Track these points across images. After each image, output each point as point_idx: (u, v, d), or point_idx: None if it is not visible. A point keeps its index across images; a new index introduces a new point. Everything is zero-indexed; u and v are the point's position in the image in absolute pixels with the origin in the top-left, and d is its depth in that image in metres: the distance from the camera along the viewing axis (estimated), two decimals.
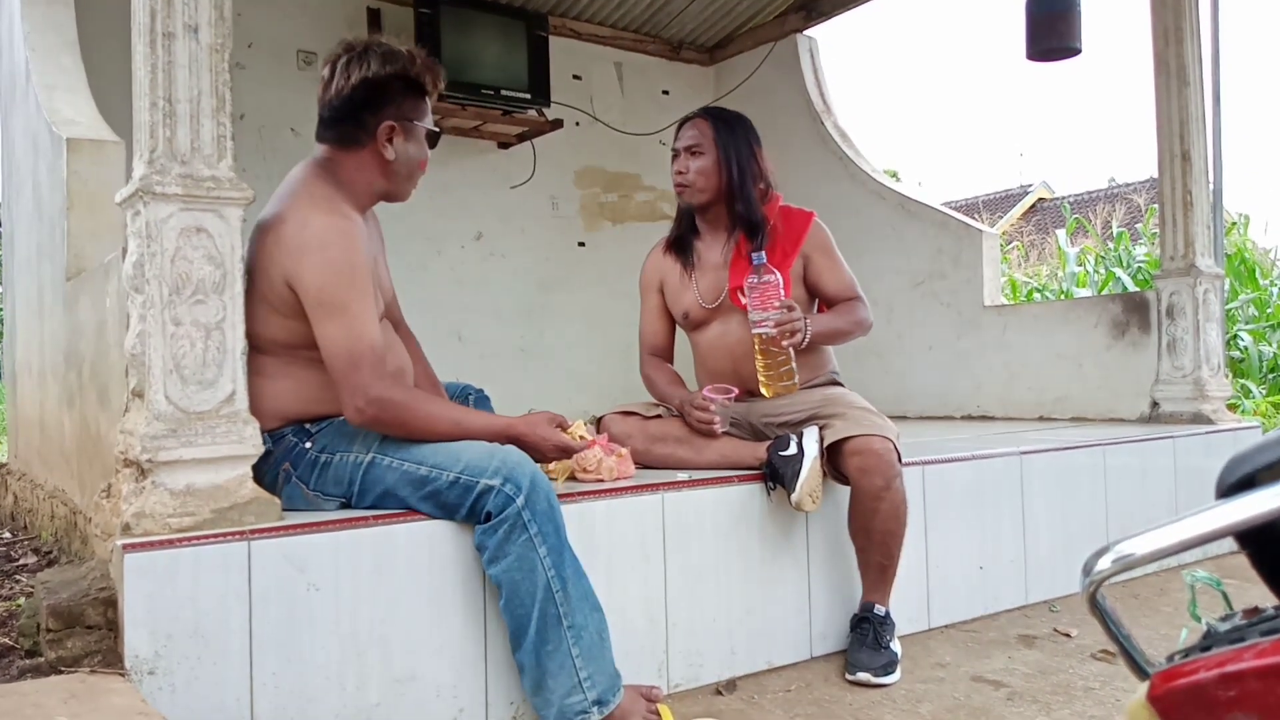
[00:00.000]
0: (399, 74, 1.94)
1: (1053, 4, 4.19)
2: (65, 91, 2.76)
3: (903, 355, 4.90)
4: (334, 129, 1.96)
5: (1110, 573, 0.73)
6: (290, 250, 1.79)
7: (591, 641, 1.81)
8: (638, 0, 5.20)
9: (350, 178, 1.95)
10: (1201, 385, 3.76)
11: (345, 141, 1.95)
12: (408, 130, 1.97)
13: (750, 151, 2.52)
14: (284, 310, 1.82)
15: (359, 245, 1.83)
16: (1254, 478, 0.71)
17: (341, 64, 1.92)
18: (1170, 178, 3.86)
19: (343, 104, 1.93)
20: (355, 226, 1.86)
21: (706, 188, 2.50)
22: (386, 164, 1.96)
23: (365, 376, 1.78)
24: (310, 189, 1.88)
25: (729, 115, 2.58)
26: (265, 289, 1.81)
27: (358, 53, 1.92)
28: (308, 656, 1.72)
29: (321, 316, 1.79)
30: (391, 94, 1.94)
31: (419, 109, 2.00)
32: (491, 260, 5.05)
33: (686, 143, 2.52)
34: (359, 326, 1.79)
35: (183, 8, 1.71)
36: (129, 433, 1.68)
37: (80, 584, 1.73)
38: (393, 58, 1.93)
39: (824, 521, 2.42)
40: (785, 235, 2.51)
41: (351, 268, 1.80)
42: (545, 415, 1.99)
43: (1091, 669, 2.31)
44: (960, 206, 17.00)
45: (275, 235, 1.81)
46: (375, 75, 1.91)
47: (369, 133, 1.93)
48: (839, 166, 5.21)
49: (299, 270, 1.78)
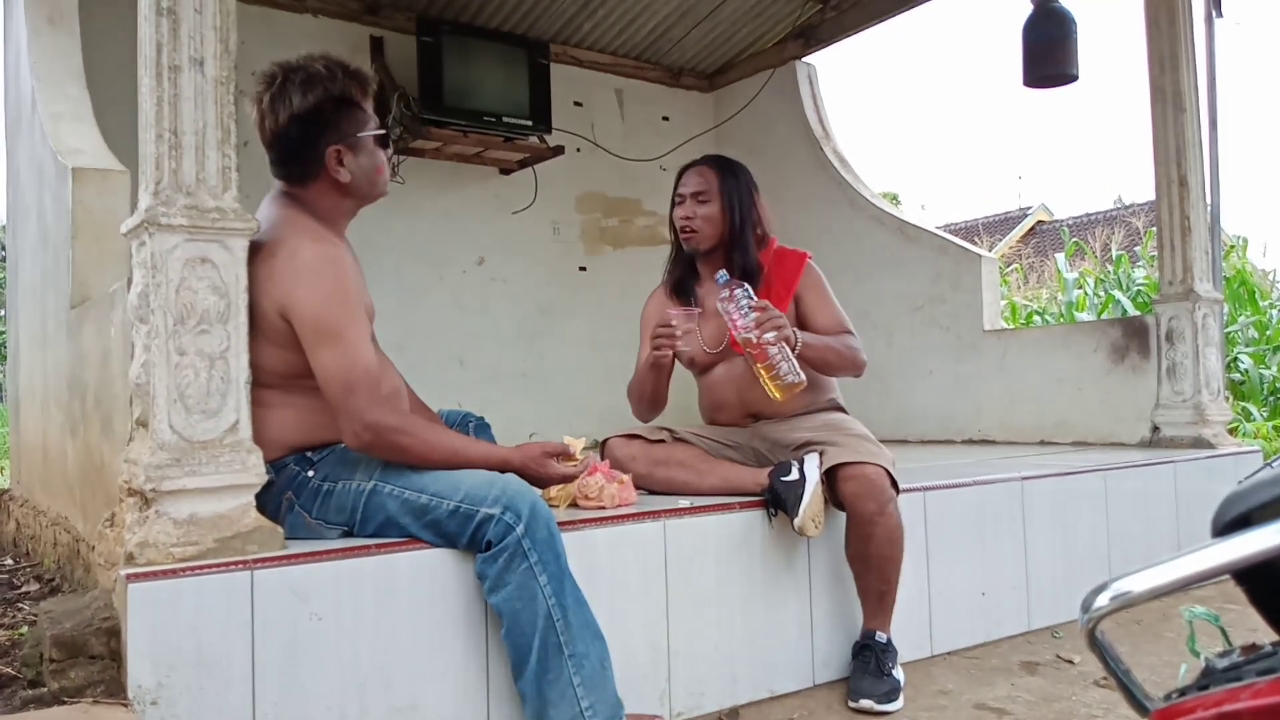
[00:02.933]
0: (325, 98, 1.90)
1: (1049, 33, 4.23)
2: (71, 121, 2.78)
3: (903, 379, 4.91)
4: (285, 167, 1.95)
5: (1108, 610, 0.74)
6: (282, 281, 1.80)
7: (593, 670, 1.80)
8: (638, 28, 5.25)
9: (319, 207, 1.94)
10: (1202, 410, 3.76)
11: (300, 178, 1.94)
12: (354, 146, 1.94)
13: (751, 199, 2.58)
14: (279, 341, 1.82)
15: (349, 271, 1.85)
16: (1249, 516, 0.71)
17: (266, 103, 1.89)
18: (1168, 203, 3.88)
19: (282, 144, 1.91)
20: (343, 253, 1.87)
21: (712, 234, 2.56)
22: (344, 186, 1.95)
23: (362, 402, 1.79)
24: (294, 220, 1.89)
25: (732, 164, 2.63)
26: (259, 321, 1.81)
27: (277, 87, 1.89)
28: (309, 686, 1.72)
29: (316, 344, 1.80)
30: (325, 120, 1.91)
31: (358, 121, 1.95)
32: (493, 285, 5.07)
33: (693, 189, 2.56)
34: (353, 352, 1.80)
35: (188, 41, 1.74)
36: (133, 462, 1.69)
37: (83, 613, 1.74)
38: (312, 83, 1.88)
39: (825, 549, 2.42)
40: (779, 278, 2.55)
41: (344, 294, 1.82)
42: (540, 447, 1.98)
43: (1094, 696, 2.31)
44: (960, 229, 17.05)
45: (267, 268, 1.81)
46: (301, 109, 1.88)
47: (318, 163, 1.92)
48: (838, 192, 5.24)
49: (292, 300, 1.79)
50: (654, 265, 2.79)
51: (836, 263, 2.63)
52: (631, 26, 5.23)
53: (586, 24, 5.12)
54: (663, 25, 5.25)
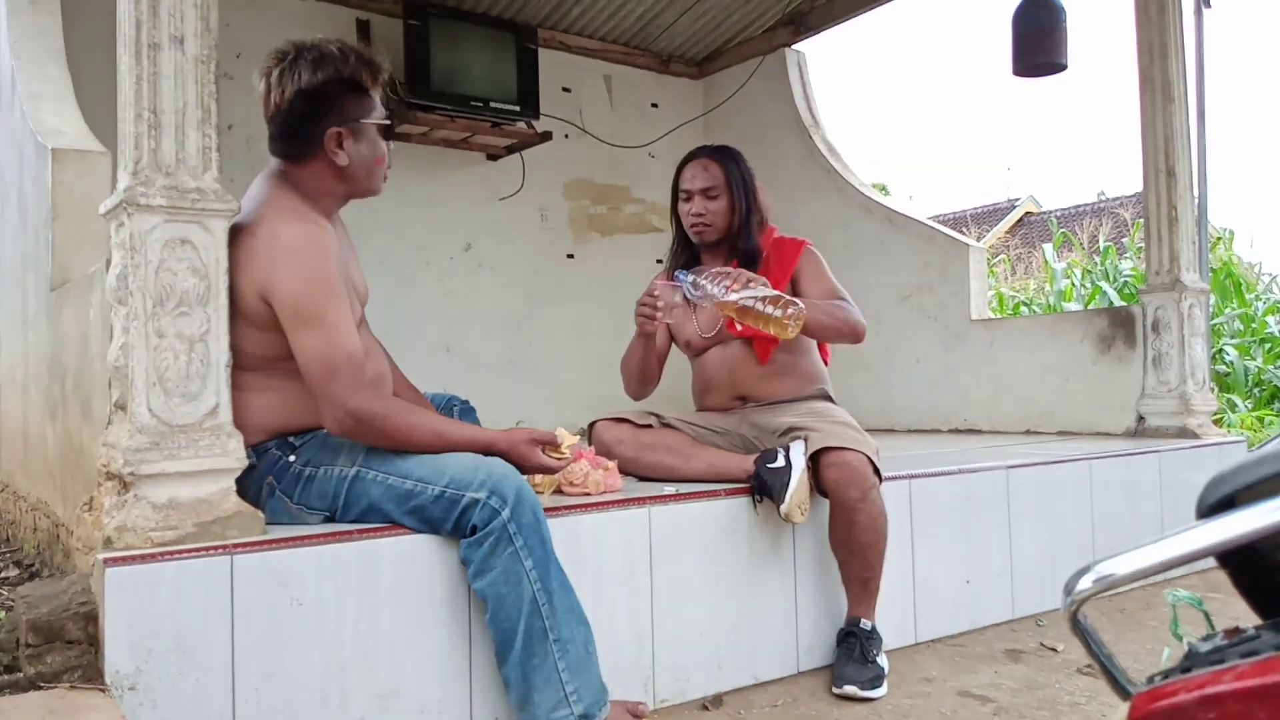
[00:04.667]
0: (333, 78, 1.88)
1: (1039, 21, 4.22)
2: (51, 101, 2.75)
3: (890, 368, 4.91)
4: (282, 143, 1.92)
5: (1091, 593, 0.73)
6: (262, 263, 1.77)
7: (578, 655, 1.80)
8: (627, 14, 5.22)
9: (310, 188, 1.91)
10: (1187, 400, 3.77)
11: (296, 156, 1.92)
12: (356, 131, 1.92)
13: (753, 186, 2.59)
14: (259, 324, 1.80)
15: (331, 252, 1.81)
16: (1234, 498, 0.71)
17: (274, 77, 1.87)
18: (1155, 193, 3.89)
19: (284, 119, 1.89)
20: (325, 234, 1.83)
21: (722, 227, 2.57)
22: (340, 170, 1.93)
23: (343, 387, 1.76)
24: (276, 200, 1.86)
25: (731, 152, 2.62)
26: (239, 303, 1.78)
27: (288, 62, 1.87)
28: (291, 672, 1.71)
29: (297, 327, 1.77)
30: (330, 100, 1.89)
31: (363, 106, 1.94)
32: (480, 272, 5.05)
33: (702, 185, 2.55)
34: (335, 336, 1.77)
35: (168, 19, 1.71)
36: (111, 445, 1.67)
37: (61, 598, 1.72)
38: (323, 62, 1.87)
39: (811, 536, 2.41)
40: (777, 264, 2.56)
41: (326, 276, 1.78)
42: (527, 433, 1.95)
43: (1078, 684, 2.31)
44: (948, 220, 17.07)
45: (246, 249, 1.78)
46: (309, 85, 1.86)
47: (317, 143, 1.89)
48: (827, 180, 5.23)
49: (272, 282, 1.76)
50: (642, 252, 2.79)
51: (824, 251, 2.63)
52: (620, 12, 5.20)
53: (575, 9, 5.08)
54: (652, 11, 5.22)
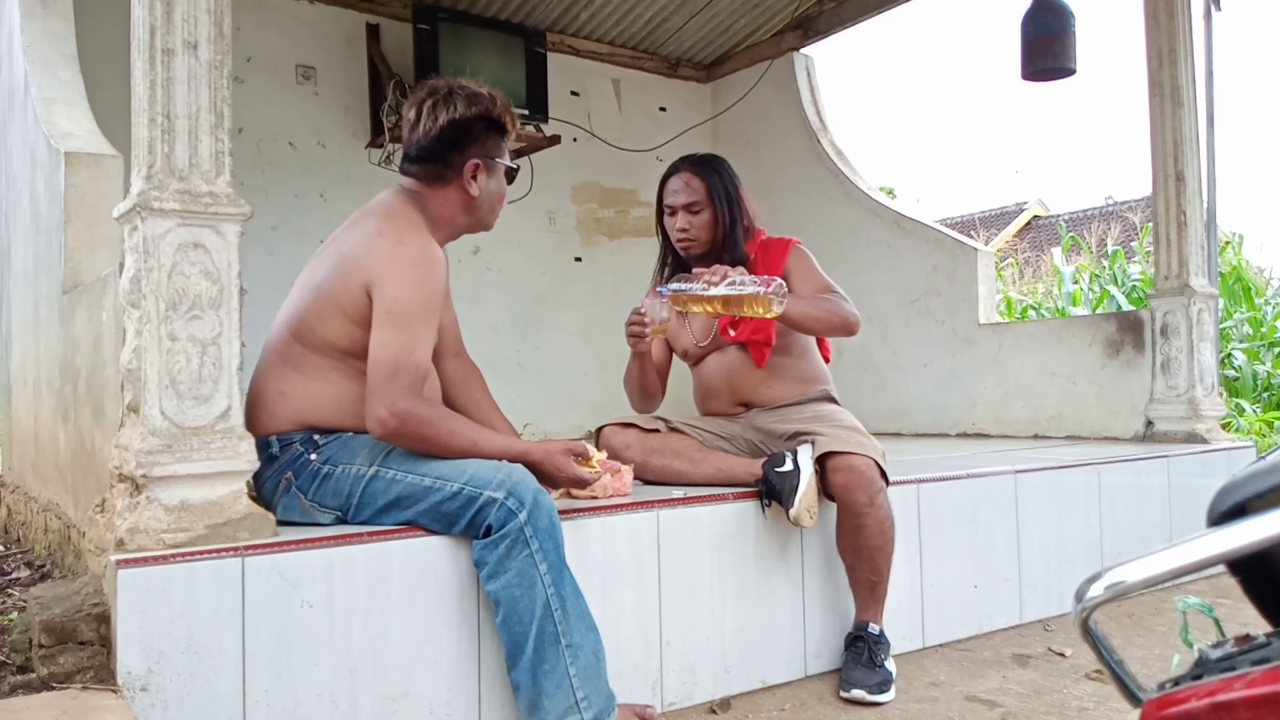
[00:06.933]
0: (482, 115, 2.04)
1: (1048, 25, 4.22)
2: (64, 105, 2.76)
3: (898, 372, 4.91)
4: (421, 166, 2.05)
5: (1102, 599, 0.73)
6: (380, 260, 1.87)
7: (588, 661, 1.80)
8: (636, 17, 5.23)
9: (436, 212, 2.05)
10: (1196, 404, 3.76)
11: (432, 178, 2.05)
12: (490, 168, 2.07)
13: (737, 195, 2.58)
14: (353, 315, 1.89)
15: (443, 277, 1.95)
16: (1245, 506, 0.71)
17: (428, 107, 2.02)
18: (1164, 198, 3.88)
19: (430, 144, 2.02)
20: (444, 260, 1.97)
21: (709, 240, 2.57)
22: (471, 200, 2.07)
23: (400, 386, 1.81)
24: (407, 214, 1.99)
25: (713, 161, 2.62)
26: (340, 292, 1.88)
27: (443, 95, 2.02)
28: (300, 673, 1.72)
29: (385, 323, 1.85)
30: (476, 134, 2.04)
31: (500, 147, 2.09)
32: (488, 275, 5.06)
33: (685, 200, 2.55)
34: (413, 344, 1.85)
35: (182, 25, 1.72)
36: (124, 448, 1.68)
37: (73, 599, 1.73)
38: (476, 100, 2.03)
39: (818, 540, 2.42)
40: (765, 266, 2.55)
41: (430, 294, 1.89)
42: (563, 445, 2.00)
43: (1086, 689, 2.31)
44: (956, 223, 17.05)
45: (367, 245, 1.89)
46: (461, 117, 2.01)
47: (455, 171, 2.04)
48: (835, 184, 5.23)
49: (383, 279, 1.85)
50: (649, 256, 2.79)
51: (832, 255, 2.64)
52: (629, 16, 5.21)
53: (584, 13, 5.10)
54: (660, 15, 5.23)
